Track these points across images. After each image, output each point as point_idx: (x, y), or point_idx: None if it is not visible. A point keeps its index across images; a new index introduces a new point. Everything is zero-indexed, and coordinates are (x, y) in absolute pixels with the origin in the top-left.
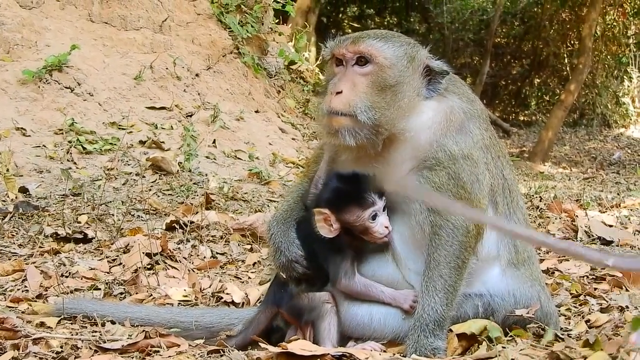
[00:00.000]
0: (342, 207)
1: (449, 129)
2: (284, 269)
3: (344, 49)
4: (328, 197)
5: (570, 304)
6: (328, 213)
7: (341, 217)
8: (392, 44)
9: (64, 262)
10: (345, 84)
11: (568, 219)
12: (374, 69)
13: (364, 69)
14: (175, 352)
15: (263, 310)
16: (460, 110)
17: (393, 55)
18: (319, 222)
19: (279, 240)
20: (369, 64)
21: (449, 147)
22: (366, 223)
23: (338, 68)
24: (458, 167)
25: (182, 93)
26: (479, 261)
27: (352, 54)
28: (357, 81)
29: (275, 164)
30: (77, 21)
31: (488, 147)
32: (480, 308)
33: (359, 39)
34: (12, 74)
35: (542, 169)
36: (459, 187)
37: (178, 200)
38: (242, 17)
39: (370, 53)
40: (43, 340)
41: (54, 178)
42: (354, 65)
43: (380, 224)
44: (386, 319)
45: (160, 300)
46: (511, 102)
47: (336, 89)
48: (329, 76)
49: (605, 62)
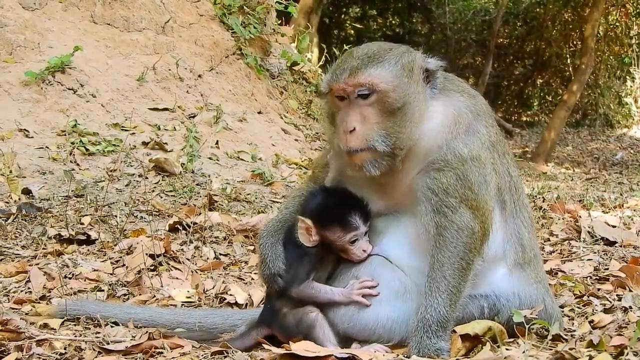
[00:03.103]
0: (325, 224)
1: (458, 131)
2: (266, 281)
3: (343, 84)
4: (314, 210)
5: (574, 304)
6: (310, 225)
7: (322, 233)
8: (388, 65)
9: (67, 263)
10: (355, 120)
11: (571, 219)
12: (379, 97)
13: (368, 100)
14: (179, 354)
15: (255, 329)
16: (467, 110)
17: (393, 77)
18: (300, 230)
19: (265, 252)
20: (372, 94)
21: (459, 150)
22: (345, 245)
23: (342, 102)
24: (467, 168)
25: (185, 94)
26: (485, 262)
27: (352, 88)
28: (366, 113)
29: (278, 165)
30: (79, 22)
31: (494, 145)
32: (485, 309)
33: (356, 71)
34: (15, 75)
35: (545, 169)
36: (466, 189)
37: (181, 201)
38: (245, 18)
39: (371, 83)
40: (47, 341)
41: (56, 179)
42: (357, 97)
43: (358, 247)
44: (392, 322)
45: (163, 302)
46: (514, 103)
47: (348, 128)
48: (332, 109)
49: (608, 62)
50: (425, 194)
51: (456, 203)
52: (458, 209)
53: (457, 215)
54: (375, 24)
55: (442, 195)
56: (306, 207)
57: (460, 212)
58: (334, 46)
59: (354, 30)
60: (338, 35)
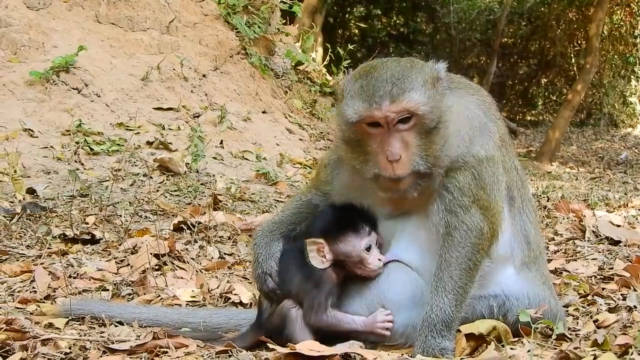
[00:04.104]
0: (338, 237)
1: (475, 134)
2: (257, 280)
3: (386, 111)
4: (324, 227)
5: (578, 304)
6: (323, 243)
7: (336, 247)
8: (418, 85)
9: (71, 263)
10: (399, 147)
11: (575, 219)
12: (417, 120)
13: (407, 125)
14: (184, 353)
15: (252, 333)
16: (477, 108)
17: (428, 98)
18: (311, 252)
19: (259, 251)
20: (412, 118)
21: (477, 152)
22: (362, 253)
23: (376, 129)
24: (482, 168)
25: (189, 94)
26: (492, 262)
27: (395, 115)
28: (407, 138)
29: (282, 164)
30: (84, 22)
31: (503, 139)
32: (495, 308)
33: (397, 96)
34: (20, 75)
35: (550, 168)
36: (480, 188)
37: (185, 201)
38: (249, 17)
39: (413, 108)
40: (51, 341)
41: (61, 179)
42: (397, 124)
43: (374, 257)
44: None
45: (168, 301)
46: (518, 102)
47: (394, 157)
48: (358, 136)
49: (612, 61)
50: (440, 192)
51: (469, 203)
52: (470, 209)
53: (468, 216)
54: (380, 23)
55: (457, 194)
56: (313, 229)
57: (472, 213)
58: (339, 46)
59: (359, 29)
60: (342, 34)
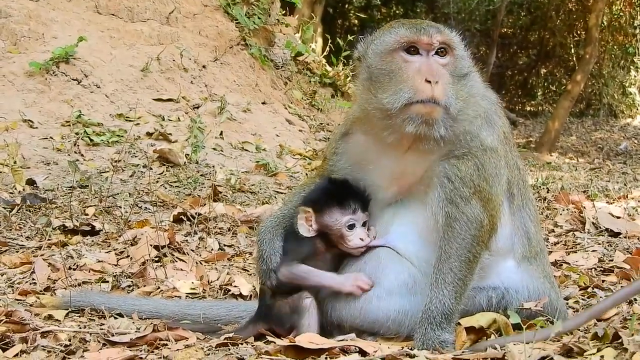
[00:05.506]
0: (323, 208)
1: (482, 121)
2: (262, 276)
3: (431, 38)
4: (314, 197)
5: (578, 296)
6: (310, 212)
7: (321, 219)
8: (457, 35)
9: (71, 254)
10: (437, 73)
11: (575, 210)
12: (451, 60)
13: (443, 60)
14: (184, 345)
15: (252, 325)
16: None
17: (463, 46)
18: (300, 220)
19: (263, 247)
20: (448, 54)
21: (483, 139)
22: (343, 229)
23: (414, 57)
24: (486, 159)
25: (189, 85)
26: (493, 254)
27: (438, 44)
28: (442, 72)
29: (282, 155)
30: (84, 13)
31: (506, 136)
32: (494, 300)
33: (441, 30)
34: (19, 65)
35: (549, 159)
36: (482, 179)
37: (185, 192)
38: (249, 8)
39: (453, 43)
40: (51, 333)
41: (61, 170)
42: (434, 55)
43: (356, 235)
44: (402, 315)
45: (168, 293)
46: (517, 93)
47: (433, 78)
48: (393, 66)
49: (612, 52)
50: (441, 180)
51: (469, 194)
52: (470, 200)
53: (469, 207)
54: (379, 13)
55: (458, 184)
56: (306, 198)
57: (472, 204)
58: (338, 36)
59: (358, 19)
60: (342, 25)
